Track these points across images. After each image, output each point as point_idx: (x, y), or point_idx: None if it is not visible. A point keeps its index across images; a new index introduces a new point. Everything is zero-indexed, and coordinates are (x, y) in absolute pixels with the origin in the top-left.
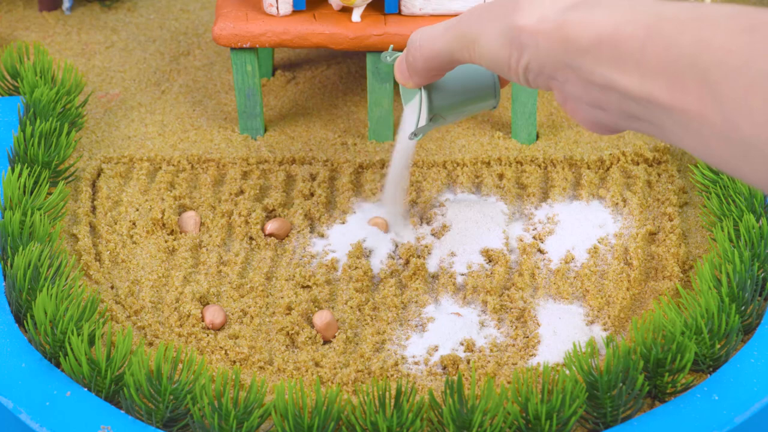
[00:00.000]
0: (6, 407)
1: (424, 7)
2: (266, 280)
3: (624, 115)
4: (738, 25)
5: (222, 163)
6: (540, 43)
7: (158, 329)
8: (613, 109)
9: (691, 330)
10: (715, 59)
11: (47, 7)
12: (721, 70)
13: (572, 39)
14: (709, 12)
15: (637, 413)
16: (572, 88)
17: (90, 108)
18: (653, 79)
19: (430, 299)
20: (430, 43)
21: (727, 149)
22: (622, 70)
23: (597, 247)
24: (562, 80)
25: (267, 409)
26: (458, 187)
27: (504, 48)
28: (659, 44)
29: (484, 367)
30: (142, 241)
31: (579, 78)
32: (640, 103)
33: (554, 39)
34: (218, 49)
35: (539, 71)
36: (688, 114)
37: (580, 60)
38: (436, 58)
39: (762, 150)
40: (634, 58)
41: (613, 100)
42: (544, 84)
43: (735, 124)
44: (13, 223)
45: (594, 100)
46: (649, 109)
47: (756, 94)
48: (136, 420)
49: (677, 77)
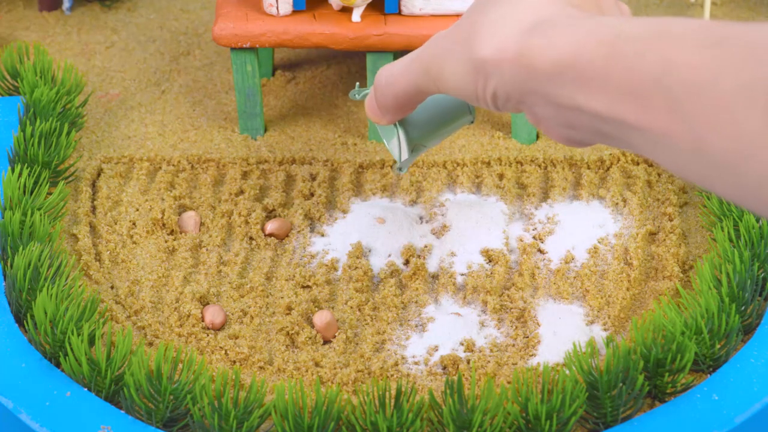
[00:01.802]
0: (6, 407)
1: (424, 7)
2: (266, 280)
3: (596, 133)
4: (703, 40)
5: (222, 163)
6: (504, 71)
7: (158, 329)
8: (584, 128)
9: (691, 330)
10: (680, 77)
11: (47, 7)
12: (686, 88)
13: (534, 65)
14: (673, 28)
15: (637, 413)
16: (542, 110)
17: (90, 108)
18: (619, 100)
19: (430, 299)
20: (396, 80)
21: (699, 166)
22: (588, 93)
23: (597, 247)
24: (530, 104)
25: (267, 409)
26: (458, 187)
27: (469, 77)
28: (622, 65)
29: (484, 367)
30: (142, 241)
31: (547, 102)
32: (609, 123)
33: (517, 66)
34: (218, 49)
35: (507, 97)
36: (657, 133)
37: (546, 85)
38: (404, 95)
39: (733, 166)
40: (597, 81)
41: (583, 120)
42: (514, 108)
43: (705, 142)
44: (13, 223)
45: (565, 121)
46: (619, 128)
47: (724, 110)
48: (136, 420)
49: (643, 97)
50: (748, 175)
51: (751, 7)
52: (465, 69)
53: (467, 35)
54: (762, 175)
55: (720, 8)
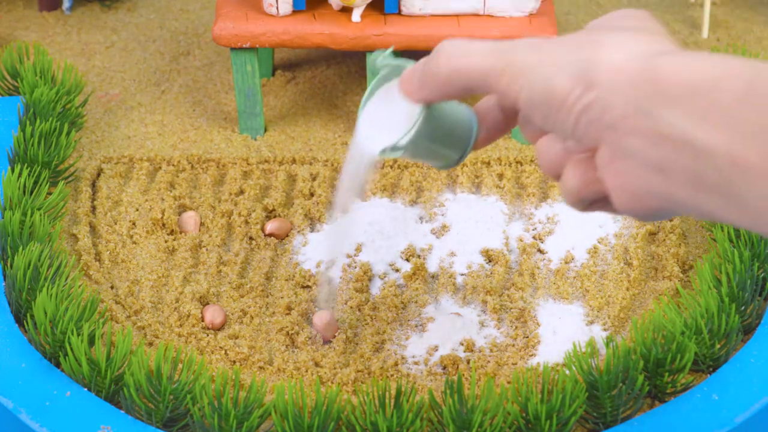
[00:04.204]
0: (6, 407)
1: (424, 7)
2: (266, 280)
3: (689, 180)
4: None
5: (222, 163)
6: (618, 82)
7: (158, 329)
8: (678, 172)
9: (691, 330)
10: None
11: (47, 7)
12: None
13: (662, 82)
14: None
15: (637, 413)
16: (635, 142)
17: (90, 108)
18: (747, 139)
19: (430, 299)
20: (464, 56)
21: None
22: (711, 126)
23: (597, 247)
24: (624, 131)
25: (267, 409)
26: (458, 187)
27: (566, 80)
28: (760, 103)
29: (484, 367)
30: (142, 241)
31: (651, 130)
32: (719, 166)
33: (638, 80)
34: (218, 49)
35: (601, 114)
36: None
37: (664, 108)
38: (465, 74)
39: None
40: (728, 114)
41: (683, 160)
42: (595, 133)
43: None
44: (13, 223)
45: (658, 160)
46: (728, 174)
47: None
48: (136, 420)
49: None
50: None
51: (751, 6)
52: (566, 70)
53: (587, 43)
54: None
55: (720, 8)
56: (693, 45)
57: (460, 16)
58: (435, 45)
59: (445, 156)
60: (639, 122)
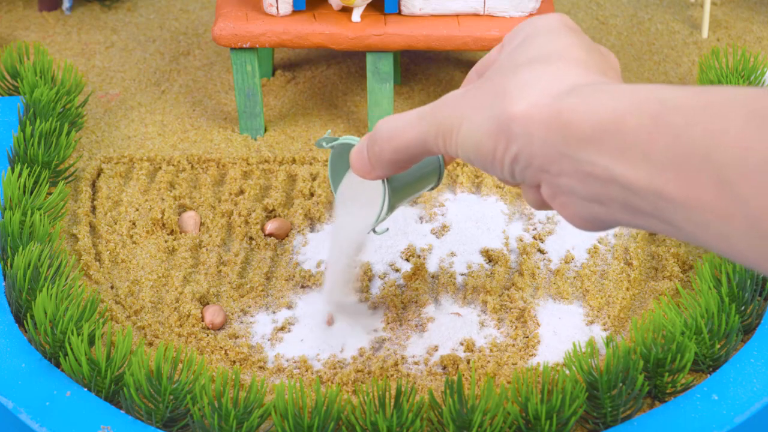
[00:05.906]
0: (6, 407)
1: (424, 7)
2: (266, 280)
3: (626, 209)
4: (748, 114)
5: (222, 163)
6: (533, 131)
7: (158, 329)
8: (614, 203)
9: (691, 330)
10: (731, 156)
11: (47, 7)
12: (739, 168)
13: (572, 126)
14: (714, 98)
15: (637, 413)
16: (567, 181)
17: (90, 108)
18: (662, 171)
19: (430, 299)
20: (399, 134)
21: (752, 247)
22: (628, 162)
23: (597, 247)
24: (555, 173)
25: (267, 409)
26: (458, 187)
27: (489, 138)
28: (668, 135)
29: (484, 367)
30: (142, 241)
31: (576, 170)
32: (646, 197)
33: (550, 127)
34: (218, 49)
35: (528, 163)
36: (703, 211)
37: (580, 150)
38: (406, 150)
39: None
40: (640, 149)
41: (615, 193)
42: (532, 177)
43: (761, 223)
44: (13, 223)
45: (592, 195)
46: (656, 204)
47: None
48: (136, 420)
49: (689, 172)
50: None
51: (751, 6)
52: (486, 128)
53: (495, 94)
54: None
55: (720, 8)
56: (693, 45)
57: (460, 16)
58: (435, 45)
59: (423, 189)
60: (564, 165)
